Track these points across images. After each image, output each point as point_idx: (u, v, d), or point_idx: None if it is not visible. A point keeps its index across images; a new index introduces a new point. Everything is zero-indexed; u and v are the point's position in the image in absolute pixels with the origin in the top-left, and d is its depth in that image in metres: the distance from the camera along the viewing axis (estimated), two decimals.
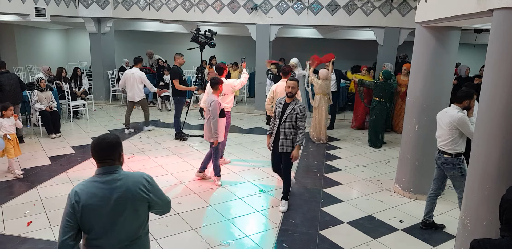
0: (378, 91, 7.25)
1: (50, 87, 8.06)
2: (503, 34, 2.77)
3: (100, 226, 2.08)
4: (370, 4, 8.68)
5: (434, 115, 4.85)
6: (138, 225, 2.18)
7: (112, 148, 2.13)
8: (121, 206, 2.08)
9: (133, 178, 2.15)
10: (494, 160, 2.85)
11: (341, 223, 4.40)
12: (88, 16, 10.05)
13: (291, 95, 4.48)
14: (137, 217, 2.15)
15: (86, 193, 2.07)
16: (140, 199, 2.13)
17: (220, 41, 11.26)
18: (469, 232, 3.09)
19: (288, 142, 4.50)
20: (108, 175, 2.11)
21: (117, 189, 2.09)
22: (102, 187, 2.08)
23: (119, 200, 2.08)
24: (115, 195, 2.08)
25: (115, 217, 2.09)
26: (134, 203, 2.11)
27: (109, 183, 2.09)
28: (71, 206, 2.08)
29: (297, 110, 4.43)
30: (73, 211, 2.07)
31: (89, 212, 2.06)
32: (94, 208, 2.06)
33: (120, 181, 2.11)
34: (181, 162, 6.21)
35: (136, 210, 2.13)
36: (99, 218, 2.07)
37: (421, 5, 4.76)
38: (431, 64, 4.75)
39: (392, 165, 6.26)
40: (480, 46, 11.20)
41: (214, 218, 4.44)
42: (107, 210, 2.07)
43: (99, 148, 2.12)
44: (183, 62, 7.50)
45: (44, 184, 5.26)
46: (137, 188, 2.12)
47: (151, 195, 2.16)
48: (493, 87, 2.86)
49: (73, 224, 2.08)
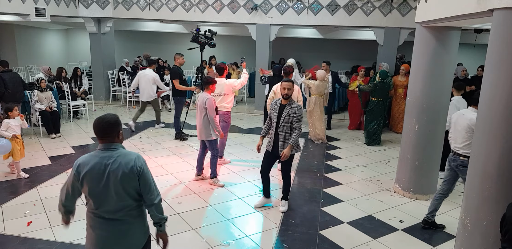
0: (377, 91, 7.30)
1: (50, 87, 8.06)
2: (503, 34, 2.77)
3: (96, 196, 2.34)
4: (370, 4, 8.68)
5: (434, 115, 4.87)
6: (131, 199, 2.38)
7: (111, 126, 2.35)
8: (113, 180, 2.31)
9: (127, 157, 2.37)
10: (494, 160, 2.85)
11: (341, 223, 4.40)
12: (88, 16, 10.05)
13: (287, 97, 4.40)
14: (129, 192, 2.36)
15: (86, 166, 2.33)
16: (130, 176, 2.33)
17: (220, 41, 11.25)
18: (469, 232, 3.09)
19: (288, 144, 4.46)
20: (106, 151, 2.35)
21: (111, 164, 2.32)
22: (99, 162, 2.32)
23: (111, 175, 2.31)
24: (108, 170, 2.30)
25: (108, 190, 2.32)
26: (124, 179, 2.32)
27: (105, 159, 2.33)
28: (73, 176, 2.36)
29: (294, 112, 4.35)
30: (74, 180, 2.36)
31: (87, 183, 2.33)
32: (91, 179, 2.32)
33: (115, 158, 2.33)
34: (181, 162, 6.21)
35: (126, 185, 2.34)
36: (96, 189, 2.33)
37: (421, 5, 4.76)
38: (431, 64, 4.75)
39: (392, 165, 6.26)
40: (480, 46, 11.20)
41: (214, 218, 4.44)
42: (101, 183, 2.31)
43: (99, 126, 2.35)
44: (183, 62, 7.51)
45: (44, 184, 5.26)
46: (129, 166, 2.33)
47: (140, 175, 2.36)
48: (493, 87, 2.86)
49: (72, 192, 2.41)
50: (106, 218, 2.38)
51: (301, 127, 4.42)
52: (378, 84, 7.34)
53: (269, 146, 4.62)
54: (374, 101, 7.38)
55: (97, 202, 2.36)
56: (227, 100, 6.00)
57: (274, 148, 4.55)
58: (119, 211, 2.37)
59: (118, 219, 2.39)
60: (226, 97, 5.98)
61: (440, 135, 5.00)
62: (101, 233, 2.40)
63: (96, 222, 2.41)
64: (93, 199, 2.36)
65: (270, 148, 4.60)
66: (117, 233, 2.40)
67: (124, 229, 2.41)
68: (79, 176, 2.33)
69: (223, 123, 6.02)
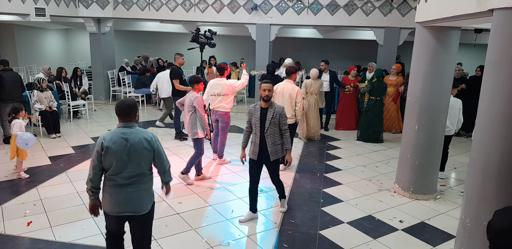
0: (375, 90, 7.40)
1: (50, 87, 8.06)
2: (503, 34, 2.77)
3: (117, 165, 2.82)
4: (370, 4, 8.68)
5: (434, 115, 4.87)
6: (145, 167, 2.92)
7: (130, 108, 2.87)
8: (133, 151, 2.83)
9: (143, 133, 2.90)
10: (494, 160, 2.85)
11: (341, 223, 4.40)
12: (88, 16, 10.05)
13: (267, 99, 4.14)
14: (144, 161, 2.89)
15: (109, 139, 2.81)
16: (146, 148, 2.87)
17: (220, 41, 11.26)
18: (469, 232, 3.09)
19: (278, 147, 4.24)
20: (126, 128, 2.86)
21: (131, 139, 2.83)
22: (121, 136, 2.83)
23: (132, 147, 2.82)
24: (129, 144, 2.82)
25: (128, 159, 2.83)
26: (142, 150, 2.85)
27: (126, 134, 2.84)
28: (98, 147, 2.82)
29: (279, 113, 4.15)
30: (99, 151, 2.82)
31: (110, 153, 2.80)
32: (113, 151, 2.80)
33: (134, 134, 2.85)
34: (181, 162, 6.20)
35: (143, 156, 2.87)
36: (116, 159, 2.81)
37: (421, 5, 4.76)
38: (431, 64, 4.74)
39: (392, 165, 6.26)
40: (480, 46, 11.20)
41: (214, 218, 4.44)
42: (123, 153, 2.81)
43: (121, 107, 2.86)
44: (183, 62, 7.51)
45: (44, 184, 5.26)
46: (145, 140, 2.87)
47: (154, 147, 2.91)
48: (493, 87, 2.86)
49: (98, 166, 2.85)
50: (121, 184, 2.86)
51: (288, 128, 4.28)
52: (375, 83, 7.46)
53: (253, 154, 4.26)
54: (372, 100, 7.46)
55: (117, 169, 2.84)
56: (227, 100, 6.00)
57: (260, 155, 4.23)
58: (134, 177, 2.87)
59: (131, 183, 2.87)
60: (226, 98, 5.99)
61: (440, 135, 5.00)
62: (116, 196, 2.89)
63: (113, 187, 2.89)
64: (115, 167, 2.83)
65: (256, 156, 4.25)
66: (129, 196, 2.88)
67: (135, 193, 2.90)
68: (102, 148, 2.80)
69: (222, 124, 6.03)
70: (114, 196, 2.89)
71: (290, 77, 5.98)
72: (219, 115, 6.00)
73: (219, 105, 5.98)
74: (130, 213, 2.92)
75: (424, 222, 4.47)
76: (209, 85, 6.10)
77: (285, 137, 4.26)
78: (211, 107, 6.09)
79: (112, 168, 2.84)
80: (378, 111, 7.49)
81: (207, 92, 6.13)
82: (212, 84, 6.06)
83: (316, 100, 7.47)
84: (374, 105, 7.45)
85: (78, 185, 5.24)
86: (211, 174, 5.78)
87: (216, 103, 6.00)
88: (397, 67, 8.17)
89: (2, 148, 6.71)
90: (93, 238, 3.92)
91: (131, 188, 2.88)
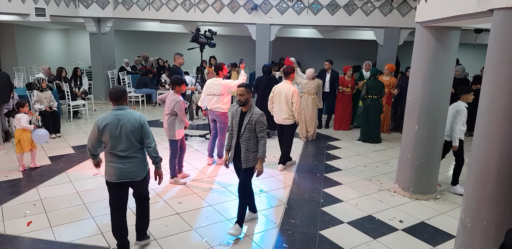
0: (372, 89, 7.44)
1: (50, 87, 8.06)
2: (503, 34, 2.77)
3: (113, 141, 3.40)
4: (370, 4, 8.68)
5: (434, 115, 4.87)
6: (137, 142, 3.48)
7: (122, 93, 3.47)
8: (124, 129, 3.39)
9: (133, 115, 3.46)
10: (494, 160, 2.85)
11: (341, 223, 4.40)
12: (88, 16, 10.05)
13: (241, 104, 3.97)
14: (134, 137, 3.44)
15: (104, 119, 3.40)
16: (134, 126, 3.43)
17: (220, 41, 11.25)
18: (469, 232, 3.09)
19: (251, 155, 3.96)
20: (118, 110, 3.44)
21: (122, 119, 3.39)
22: (114, 117, 3.39)
23: (123, 126, 3.39)
24: (121, 123, 3.38)
25: (120, 136, 3.40)
26: (131, 128, 3.41)
27: (119, 115, 3.41)
28: (96, 127, 3.41)
29: (256, 119, 3.90)
30: (96, 130, 3.40)
31: (106, 131, 3.38)
32: (109, 129, 3.37)
33: (125, 115, 3.42)
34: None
35: (133, 133, 3.43)
36: (112, 136, 3.38)
37: (421, 5, 4.76)
38: (431, 64, 4.74)
39: (392, 165, 6.26)
40: (480, 46, 11.20)
41: (214, 218, 4.44)
42: (116, 131, 3.38)
43: (114, 93, 3.44)
44: (183, 62, 7.51)
45: (44, 184, 5.26)
46: (134, 120, 3.43)
47: (142, 125, 3.47)
48: (493, 87, 2.86)
49: (96, 139, 3.45)
50: (119, 156, 3.44)
51: (265, 134, 4.00)
52: (369, 82, 7.51)
53: (231, 158, 4.16)
54: (369, 98, 7.49)
55: (113, 145, 3.41)
56: (224, 101, 5.96)
57: (235, 160, 4.09)
58: (128, 150, 3.44)
59: (128, 156, 3.45)
60: (222, 98, 5.95)
61: (440, 135, 5.00)
62: (116, 166, 3.46)
63: (113, 159, 3.46)
64: (111, 142, 3.40)
65: (232, 160, 4.14)
66: (127, 165, 3.47)
67: (131, 163, 3.48)
68: (99, 127, 3.37)
69: (220, 124, 5.99)
70: (115, 167, 3.47)
71: (288, 77, 5.95)
72: (216, 116, 5.98)
73: (216, 106, 5.95)
74: (129, 180, 3.52)
75: (424, 222, 4.47)
76: (206, 85, 6.10)
77: (261, 145, 3.96)
78: (208, 107, 6.07)
79: (109, 144, 3.42)
80: (377, 111, 7.50)
81: (204, 92, 6.12)
82: (209, 84, 6.06)
83: (313, 100, 7.43)
84: (372, 104, 7.46)
85: (78, 185, 5.24)
86: (211, 174, 5.78)
87: (213, 104, 5.97)
88: (390, 68, 8.16)
89: (2, 148, 6.71)
90: (93, 238, 3.92)
91: (127, 159, 3.47)
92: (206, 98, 6.08)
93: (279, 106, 5.86)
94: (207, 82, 6.12)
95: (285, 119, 5.85)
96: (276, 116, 5.95)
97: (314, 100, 7.43)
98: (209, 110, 6.07)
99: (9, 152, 6.59)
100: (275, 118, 5.97)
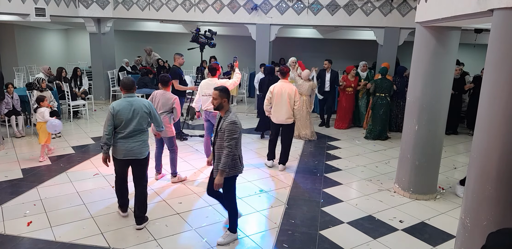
0: (380, 88, 7.66)
1: (50, 87, 8.06)
2: (503, 34, 2.77)
3: (124, 123, 3.97)
4: (370, 4, 8.68)
5: (434, 115, 4.87)
6: (143, 124, 4.09)
7: (132, 83, 4.10)
8: (136, 113, 4.00)
9: (143, 101, 4.11)
10: (494, 160, 2.85)
11: (341, 223, 4.40)
12: (88, 16, 10.04)
13: (215, 108, 3.75)
14: (143, 120, 4.06)
15: (119, 105, 3.99)
16: (145, 111, 4.07)
17: (220, 41, 11.25)
18: (469, 232, 3.09)
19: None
20: (130, 98, 4.06)
21: (134, 104, 4.01)
22: (127, 103, 4.01)
23: (135, 110, 4.00)
24: (133, 107, 3.99)
25: (132, 119, 3.99)
26: (142, 113, 4.04)
27: (130, 101, 4.03)
28: (111, 113, 3.96)
29: (224, 127, 3.61)
30: (112, 113, 3.95)
31: (120, 114, 3.95)
32: (122, 112, 3.96)
33: (136, 101, 4.05)
34: (181, 162, 6.20)
35: (142, 116, 4.05)
36: (124, 117, 3.96)
37: (421, 5, 4.76)
38: (431, 64, 4.75)
39: (392, 165, 6.26)
40: (480, 46, 11.19)
41: (214, 218, 4.44)
42: (129, 114, 3.98)
43: (126, 83, 4.07)
44: (183, 62, 7.50)
45: (44, 184, 5.26)
46: (144, 106, 4.06)
47: (150, 110, 4.13)
48: (493, 87, 2.86)
49: (111, 124, 3.96)
50: (127, 136, 3.99)
51: (233, 145, 3.62)
52: (378, 80, 7.72)
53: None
54: (378, 96, 7.70)
55: (124, 126, 3.98)
56: None
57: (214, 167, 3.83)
58: (135, 131, 4.02)
59: (134, 136, 4.02)
60: None
61: (440, 135, 5.00)
62: (124, 145, 4.01)
63: (121, 139, 4.00)
64: (123, 124, 3.97)
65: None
66: (132, 145, 4.02)
67: (136, 143, 4.04)
68: (114, 111, 3.94)
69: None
70: (122, 145, 4.01)
71: (285, 77, 5.96)
72: (211, 117, 5.89)
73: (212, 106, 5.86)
74: (133, 157, 4.03)
75: (424, 222, 4.47)
76: (201, 86, 6.02)
77: (224, 155, 3.60)
78: (203, 108, 5.99)
79: (121, 125, 3.97)
80: (385, 108, 7.65)
81: (199, 93, 6.05)
82: (204, 85, 5.98)
83: (305, 101, 7.46)
84: (381, 102, 7.66)
85: (78, 185, 5.24)
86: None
87: (209, 104, 5.79)
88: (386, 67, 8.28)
89: (2, 148, 6.71)
90: (93, 238, 3.92)
91: (133, 139, 4.02)
92: (202, 99, 6.01)
93: (281, 107, 5.84)
94: (202, 82, 6.06)
95: (287, 119, 5.86)
96: (277, 116, 5.92)
97: (306, 102, 7.47)
98: (204, 111, 6.00)
99: (9, 152, 6.59)
100: (275, 119, 5.94)
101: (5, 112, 7.20)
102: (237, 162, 3.74)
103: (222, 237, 3.90)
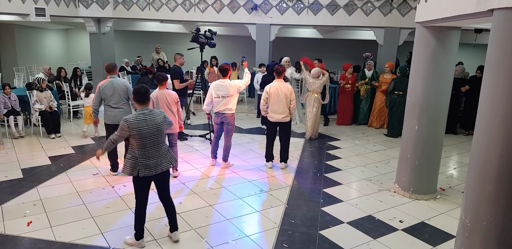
0: (399, 86, 7.80)
1: (50, 87, 8.06)
2: (503, 34, 2.76)
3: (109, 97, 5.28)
4: (370, 4, 8.68)
5: (434, 115, 4.87)
6: (123, 97, 5.35)
7: (112, 67, 5.43)
8: (116, 89, 5.28)
9: (121, 80, 5.37)
10: (494, 160, 2.85)
11: (341, 223, 4.40)
12: (88, 16, 10.05)
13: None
14: (123, 95, 5.33)
15: (103, 84, 5.28)
16: (122, 88, 5.28)
17: (220, 41, 11.26)
18: (469, 232, 3.09)
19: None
20: (112, 78, 5.35)
21: (115, 83, 5.29)
22: (110, 82, 5.29)
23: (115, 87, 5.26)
24: (114, 85, 5.27)
25: (114, 94, 5.26)
26: (121, 89, 5.29)
27: (113, 81, 5.30)
28: (98, 90, 5.29)
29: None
30: (98, 91, 5.29)
31: (104, 90, 5.24)
32: (106, 89, 5.26)
33: (117, 81, 5.34)
34: (181, 162, 6.20)
35: (121, 91, 5.31)
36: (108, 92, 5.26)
37: (421, 5, 4.76)
38: (431, 64, 4.74)
39: (392, 165, 6.26)
40: (480, 46, 11.20)
41: (214, 218, 4.44)
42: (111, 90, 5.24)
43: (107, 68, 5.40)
44: (183, 62, 7.50)
45: (44, 184, 5.26)
46: (122, 84, 5.29)
47: (127, 87, 5.27)
48: (493, 87, 2.86)
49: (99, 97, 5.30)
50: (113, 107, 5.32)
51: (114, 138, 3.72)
52: (397, 79, 7.89)
53: None
54: (396, 94, 7.86)
55: (109, 99, 5.31)
56: (232, 102, 5.77)
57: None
58: (118, 103, 5.36)
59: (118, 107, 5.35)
60: (231, 99, 5.74)
61: (440, 135, 5.00)
62: (111, 113, 5.34)
63: (109, 109, 5.33)
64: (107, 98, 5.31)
65: None
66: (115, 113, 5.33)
67: (120, 111, 5.31)
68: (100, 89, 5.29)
69: (228, 126, 5.85)
70: (110, 113, 5.34)
71: (280, 76, 5.95)
72: (225, 118, 5.77)
73: (225, 108, 5.73)
74: (118, 122, 4.51)
75: (424, 222, 4.47)
76: (212, 88, 5.79)
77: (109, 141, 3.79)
78: (214, 110, 5.84)
79: (106, 99, 5.29)
80: (402, 106, 7.71)
81: (210, 95, 5.83)
82: (215, 86, 5.77)
83: (317, 99, 7.50)
84: (398, 100, 7.77)
85: (78, 185, 5.24)
86: (211, 174, 5.78)
87: (222, 106, 5.74)
88: (390, 66, 8.46)
89: (2, 148, 6.71)
90: (93, 238, 3.92)
91: (117, 109, 5.33)
92: (214, 101, 5.79)
93: (278, 106, 5.85)
94: (213, 84, 5.83)
95: (285, 117, 5.89)
96: (274, 115, 5.92)
97: (317, 99, 7.50)
98: (216, 112, 5.83)
99: (9, 152, 6.59)
100: (273, 118, 5.93)
101: (4, 112, 7.20)
102: (135, 163, 3.60)
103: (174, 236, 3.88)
